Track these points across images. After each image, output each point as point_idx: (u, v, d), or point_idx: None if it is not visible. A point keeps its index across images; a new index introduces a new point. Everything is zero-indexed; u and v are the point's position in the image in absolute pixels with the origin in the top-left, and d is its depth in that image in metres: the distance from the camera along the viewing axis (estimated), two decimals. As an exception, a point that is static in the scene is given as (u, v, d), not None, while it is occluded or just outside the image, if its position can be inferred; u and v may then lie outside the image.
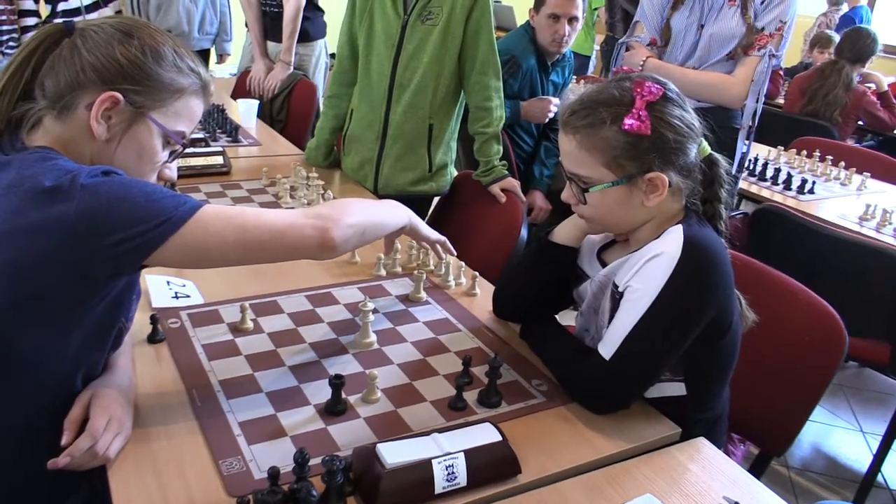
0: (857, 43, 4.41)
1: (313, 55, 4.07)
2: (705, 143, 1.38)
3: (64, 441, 1.08)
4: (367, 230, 1.34)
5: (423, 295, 1.74)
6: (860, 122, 4.72)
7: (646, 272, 1.29)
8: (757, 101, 2.54)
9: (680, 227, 1.31)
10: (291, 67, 3.86)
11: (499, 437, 1.16)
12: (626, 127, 1.28)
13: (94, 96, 1.12)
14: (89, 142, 1.14)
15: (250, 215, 1.18)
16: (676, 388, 1.39)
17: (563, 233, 1.53)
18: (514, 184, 2.46)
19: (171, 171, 1.27)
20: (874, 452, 2.50)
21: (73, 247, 1.02)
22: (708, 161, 1.39)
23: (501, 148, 2.48)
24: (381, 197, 2.50)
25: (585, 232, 1.52)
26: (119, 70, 1.12)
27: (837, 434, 2.99)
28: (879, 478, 2.65)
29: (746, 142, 2.62)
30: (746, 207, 3.64)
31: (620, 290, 1.34)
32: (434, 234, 1.67)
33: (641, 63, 2.62)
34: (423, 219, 2.64)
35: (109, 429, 1.12)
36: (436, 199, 2.72)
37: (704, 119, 1.40)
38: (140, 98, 1.15)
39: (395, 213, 1.52)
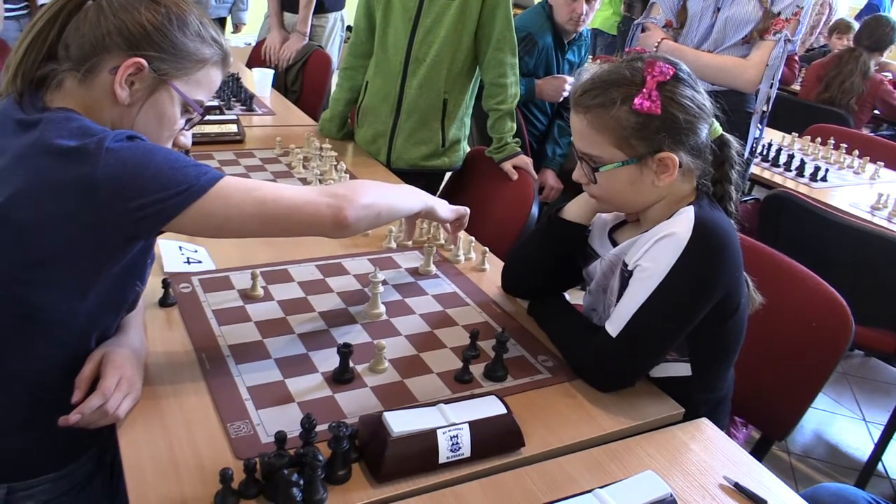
0: (876, 31, 4.37)
1: (327, 27, 4.05)
2: (717, 124, 1.38)
3: (75, 398, 1.10)
4: (382, 212, 1.36)
5: (433, 268, 1.74)
6: (876, 112, 4.69)
7: (655, 251, 1.30)
8: (771, 86, 2.53)
9: (691, 209, 1.31)
10: (307, 38, 3.85)
11: (504, 410, 1.17)
12: (636, 107, 1.28)
13: (119, 61, 1.12)
14: (111, 106, 1.15)
15: (270, 189, 1.19)
16: (681, 369, 1.39)
17: (573, 210, 1.53)
18: (526, 161, 2.45)
19: (186, 139, 1.29)
20: (875, 441, 2.50)
21: (94, 209, 1.03)
22: (719, 142, 1.39)
23: (515, 125, 2.48)
24: (393, 171, 2.50)
25: (596, 210, 1.52)
26: (145, 35, 1.13)
27: (840, 422, 3.00)
28: (880, 467, 2.66)
29: (759, 126, 2.62)
30: (758, 193, 3.63)
31: (630, 269, 1.34)
32: (451, 214, 1.67)
33: (656, 45, 2.61)
34: (435, 194, 2.66)
35: (120, 388, 1.13)
36: (448, 175, 2.72)
37: (717, 102, 1.39)
38: (164, 66, 1.15)
39: (410, 198, 1.53)
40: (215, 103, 2.84)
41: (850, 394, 3.18)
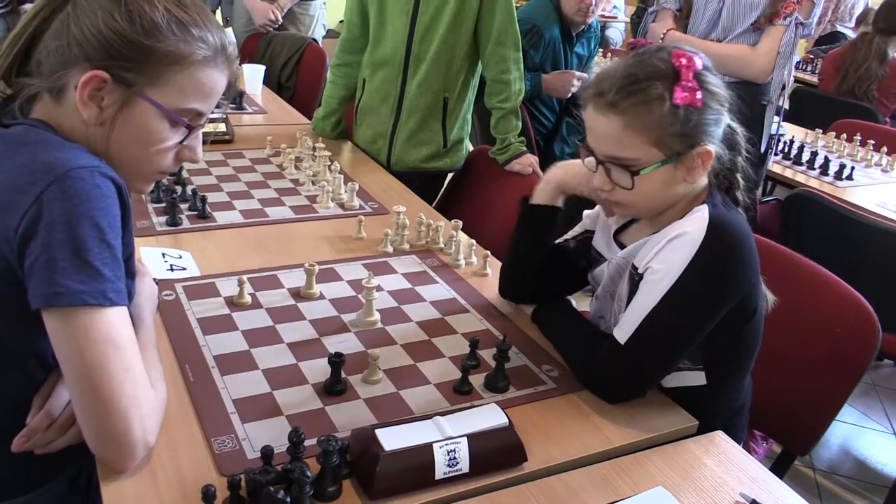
0: (892, 12, 4.23)
1: (308, 14, 4.15)
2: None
3: (28, 419, 1.08)
4: None
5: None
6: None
7: (667, 252, 1.28)
8: (785, 74, 2.50)
9: (705, 207, 1.30)
10: None
11: (505, 421, 1.16)
12: (679, 100, 1.25)
13: (82, 75, 1.05)
14: (84, 126, 1.09)
15: (117, 368, 1.00)
16: (695, 378, 1.38)
17: (540, 194, 1.58)
18: (532, 161, 2.45)
19: (193, 152, 1.20)
20: (906, 456, 2.49)
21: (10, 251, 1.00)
22: (728, 129, 1.37)
23: (520, 123, 2.47)
24: (393, 173, 2.49)
25: (559, 188, 1.55)
26: (103, 44, 1.05)
27: (868, 436, 2.98)
28: (911, 483, 2.64)
29: (776, 118, 2.59)
30: (780, 193, 3.61)
31: (640, 272, 1.33)
32: None
33: (662, 36, 2.61)
34: (436, 196, 2.66)
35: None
36: (450, 175, 2.71)
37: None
38: (129, 74, 1.07)
39: None
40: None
41: (879, 406, 3.16)
